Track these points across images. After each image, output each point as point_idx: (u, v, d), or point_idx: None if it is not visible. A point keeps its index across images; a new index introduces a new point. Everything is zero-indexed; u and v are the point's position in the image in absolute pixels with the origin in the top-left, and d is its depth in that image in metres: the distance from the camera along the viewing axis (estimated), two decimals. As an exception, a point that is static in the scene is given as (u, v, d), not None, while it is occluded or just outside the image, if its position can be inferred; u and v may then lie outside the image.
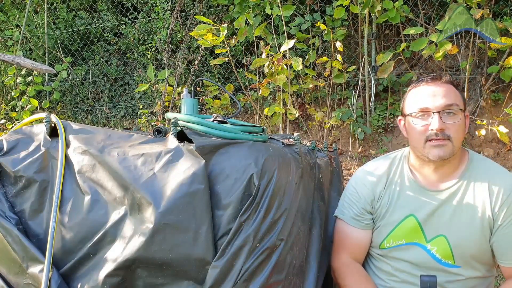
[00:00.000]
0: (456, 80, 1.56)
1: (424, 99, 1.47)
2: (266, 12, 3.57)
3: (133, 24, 5.16)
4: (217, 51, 3.64)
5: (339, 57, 3.42)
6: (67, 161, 1.34)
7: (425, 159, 1.50)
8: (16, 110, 4.81)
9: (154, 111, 4.40)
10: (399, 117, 1.61)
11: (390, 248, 1.57)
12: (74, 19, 5.51)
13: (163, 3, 4.87)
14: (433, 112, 1.44)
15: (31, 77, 4.72)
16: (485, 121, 3.29)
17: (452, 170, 1.52)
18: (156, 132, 1.36)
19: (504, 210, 1.45)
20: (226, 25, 3.12)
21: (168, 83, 4.03)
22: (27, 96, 4.66)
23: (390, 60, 3.37)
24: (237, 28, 3.45)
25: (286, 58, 3.26)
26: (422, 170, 1.55)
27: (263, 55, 3.21)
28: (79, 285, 1.23)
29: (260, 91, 3.34)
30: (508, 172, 1.55)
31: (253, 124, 1.56)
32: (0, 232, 1.28)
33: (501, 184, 1.47)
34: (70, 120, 1.50)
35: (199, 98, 3.79)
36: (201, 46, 3.72)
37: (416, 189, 1.54)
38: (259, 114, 3.87)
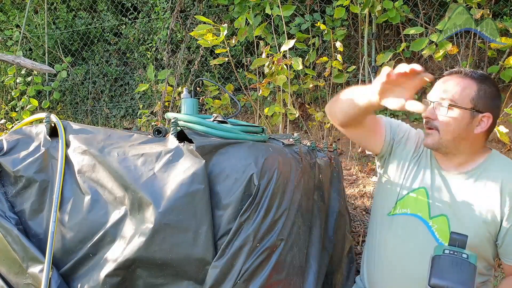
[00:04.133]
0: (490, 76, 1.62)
1: (432, 90, 1.54)
2: (266, 12, 3.56)
3: (133, 24, 5.15)
4: (217, 51, 3.63)
5: (339, 57, 3.41)
6: (67, 161, 1.34)
7: None
8: (16, 110, 4.81)
9: (154, 111, 4.39)
10: None
11: (396, 215, 1.60)
12: (74, 19, 5.50)
13: (163, 3, 4.87)
14: (431, 102, 1.51)
15: (31, 77, 4.71)
16: (485, 121, 3.26)
17: (462, 162, 1.55)
18: (156, 132, 1.36)
19: None
20: (226, 25, 3.11)
21: (168, 83, 4.03)
22: (27, 96, 4.65)
23: (390, 60, 3.37)
24: (237, 28, 3.45)
25: (286, 58, 3.25)
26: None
27: (263, 55, 3.21)
28: (79, 285, 1.23)
29: (260, 91, 3.34)
30: None
31: (253, 124, 1.56)
32: (0, 232, 1.29)
33: None
34: (70, 120, 1.50)
35: (199, 98, 3.79)
36: (201, 46, 3.71)
37: (433, 166, 1.59)
38: (259, 114, 3.87)
